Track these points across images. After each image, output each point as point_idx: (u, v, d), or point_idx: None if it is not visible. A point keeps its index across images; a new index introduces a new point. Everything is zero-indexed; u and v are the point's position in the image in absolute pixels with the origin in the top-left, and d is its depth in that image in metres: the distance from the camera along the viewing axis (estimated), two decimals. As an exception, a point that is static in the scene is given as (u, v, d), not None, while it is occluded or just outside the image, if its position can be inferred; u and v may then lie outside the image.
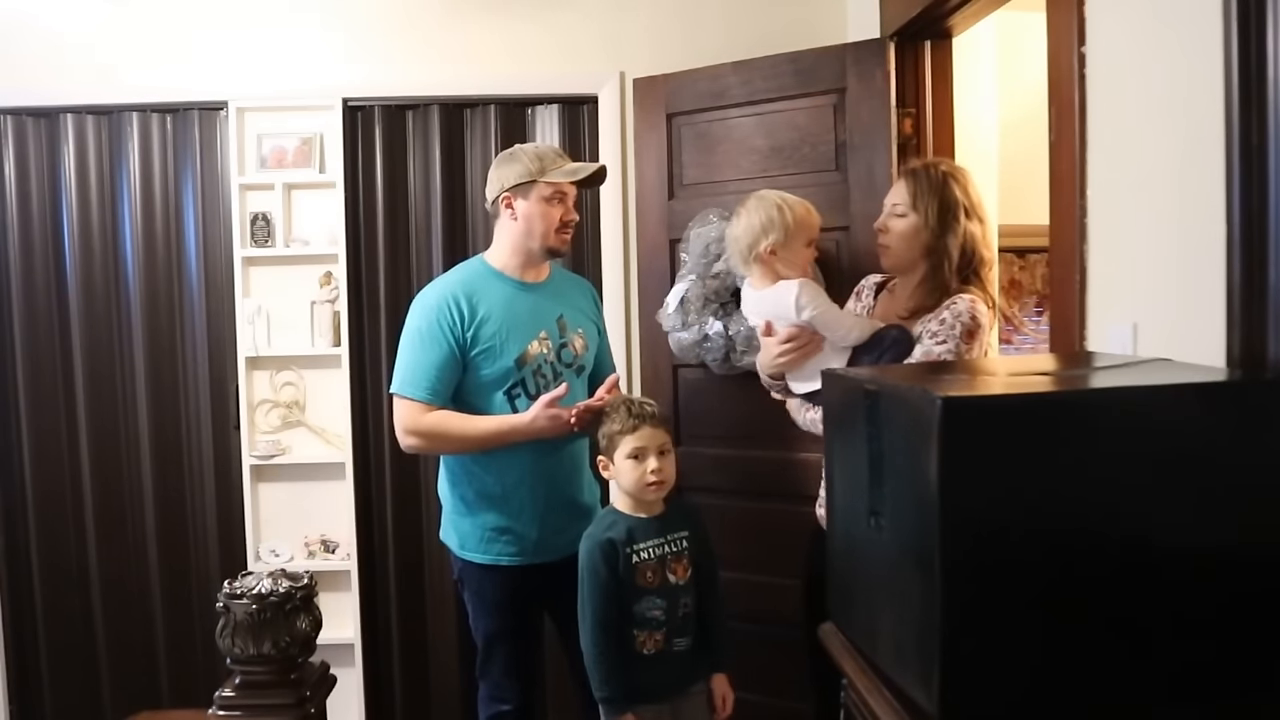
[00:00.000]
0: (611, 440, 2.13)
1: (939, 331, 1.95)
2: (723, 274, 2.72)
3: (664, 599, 2.11)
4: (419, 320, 2.27)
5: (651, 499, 2.14)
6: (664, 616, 2.11)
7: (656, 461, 2.10)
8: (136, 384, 3.20)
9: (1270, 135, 1.26)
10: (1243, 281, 1.31)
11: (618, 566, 2.10)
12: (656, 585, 2.11)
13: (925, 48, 2.70)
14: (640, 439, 2.10)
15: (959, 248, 2.02)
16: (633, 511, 2.16)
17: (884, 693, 1.29)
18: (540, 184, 2.24)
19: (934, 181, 2.05)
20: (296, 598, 2.46)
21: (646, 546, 2.12)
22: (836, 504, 1.47)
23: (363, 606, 3.20)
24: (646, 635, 2.11)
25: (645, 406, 2.15)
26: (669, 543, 2.14)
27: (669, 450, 2.14)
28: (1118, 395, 1.24)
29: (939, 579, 1.10)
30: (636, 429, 2.10)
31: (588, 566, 2.12)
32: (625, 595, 2.11)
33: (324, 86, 3.15)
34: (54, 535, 3.21)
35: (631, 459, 2.10)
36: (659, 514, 2.16)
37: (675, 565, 2.14)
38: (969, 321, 1.94)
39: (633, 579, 2.11)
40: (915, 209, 2.05)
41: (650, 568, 2.11)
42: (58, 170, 3.18)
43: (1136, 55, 1.60)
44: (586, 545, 2.14)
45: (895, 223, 2.09)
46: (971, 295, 2.00)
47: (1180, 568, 1.15)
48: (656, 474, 2.10)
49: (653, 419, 2.12)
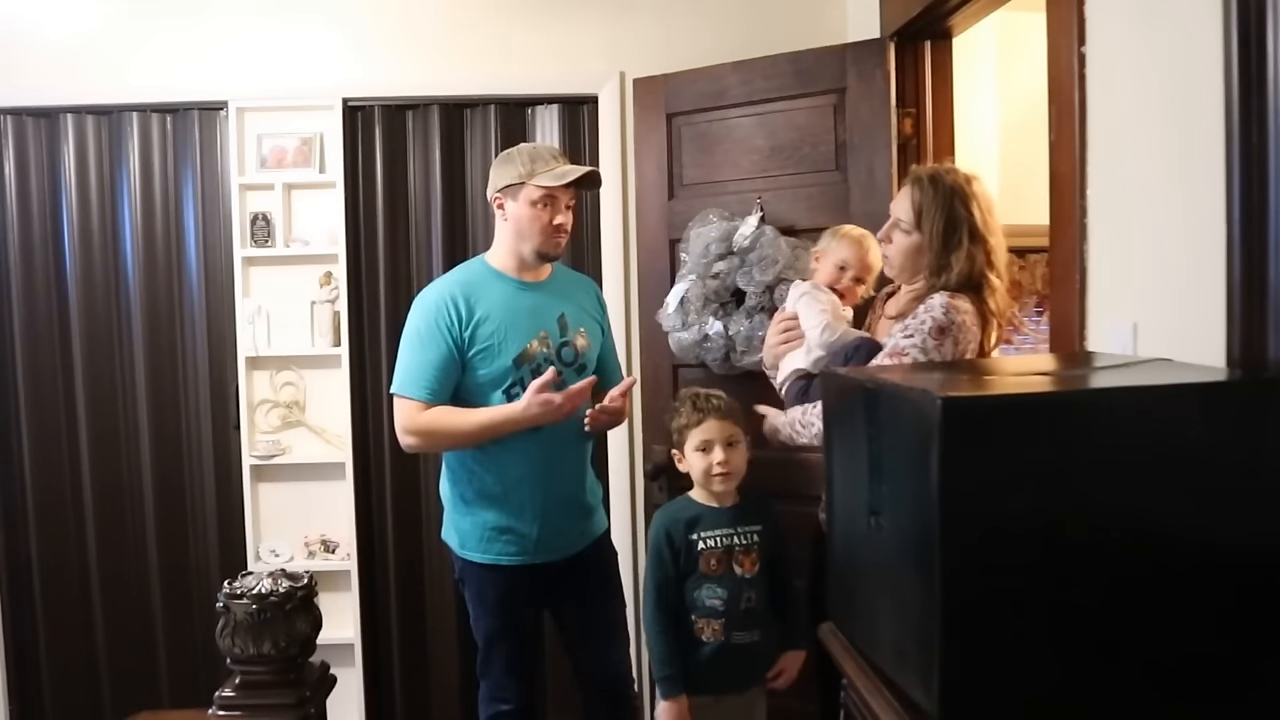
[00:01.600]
0: (680, 433, 2.21)
1: (909, 325, 1.90)
2: (723, 274, 2.73)
3: (725, 589, 2.14)
4: (418, 320, 2.28)
5: (719, 489, 2.19)
6: (723, 606, 2.14)
7: (723, 453, 2.16)
8: (136, 384, 3.20)
9: (1270, 135, 1.26)
10: (1243, 281, 1.31)
11: (681, 550, 2.15)
12: (720, 574, 2.15)
13: (925, 48, 2.70)
14: (706, 431, 2.17)
15: (961, 269, 1.92)
16: (704, 500, 2.21)
17: (884, 693, 1.29)
18: (529, 186, 2.23)
19: (942, 196, 1.94)
20: (296, 598, 2.47)
21: (714, 535, 2.17)
22: (836, 504, 1.47)
23: (363, 606, 3.20)
24: (705, 623, 2.15)
25: (711, 399, 2.20)
26: (739, 534, 2.18)
27: (738, 441, 2.19)
28: (1118, 395, 1.24)
29: (939, 579, 1.10)
30: (702, 422, 2.17)
31: (654, 545, 2.19)
32: (685, 579, 2.16)
33: (324, 86, 3.15)
34: (54, 535, 3.21)
35: (699, 451, 2.17)
36: (732, 505, 2.21)
37: (743, 558, 2.17)
38: (940, 317, 1.86)
39: (695, 564, 2.15)
40: (919, 227, 1.96)
41: (715, 556, 2.16)
42: (58, 170, 3.18)
43: (1136, 55, 1.60)
44: (655, 524, 2.21)
45: (898, 237, 2.01)
46: (952, 296, 1.90)
47: (1180, 567, 1.15)
48: (723, 465, 2.16)
49: (718, 411, 2.18)
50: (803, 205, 2.78)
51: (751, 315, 2.69)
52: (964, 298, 1.92)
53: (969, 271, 1.93)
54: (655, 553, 2.19)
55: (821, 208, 2.76)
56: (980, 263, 1.93)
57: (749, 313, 2.69)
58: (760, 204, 2.75)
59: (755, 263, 2.67)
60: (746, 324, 2.68)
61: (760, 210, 2.74)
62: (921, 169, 2.05)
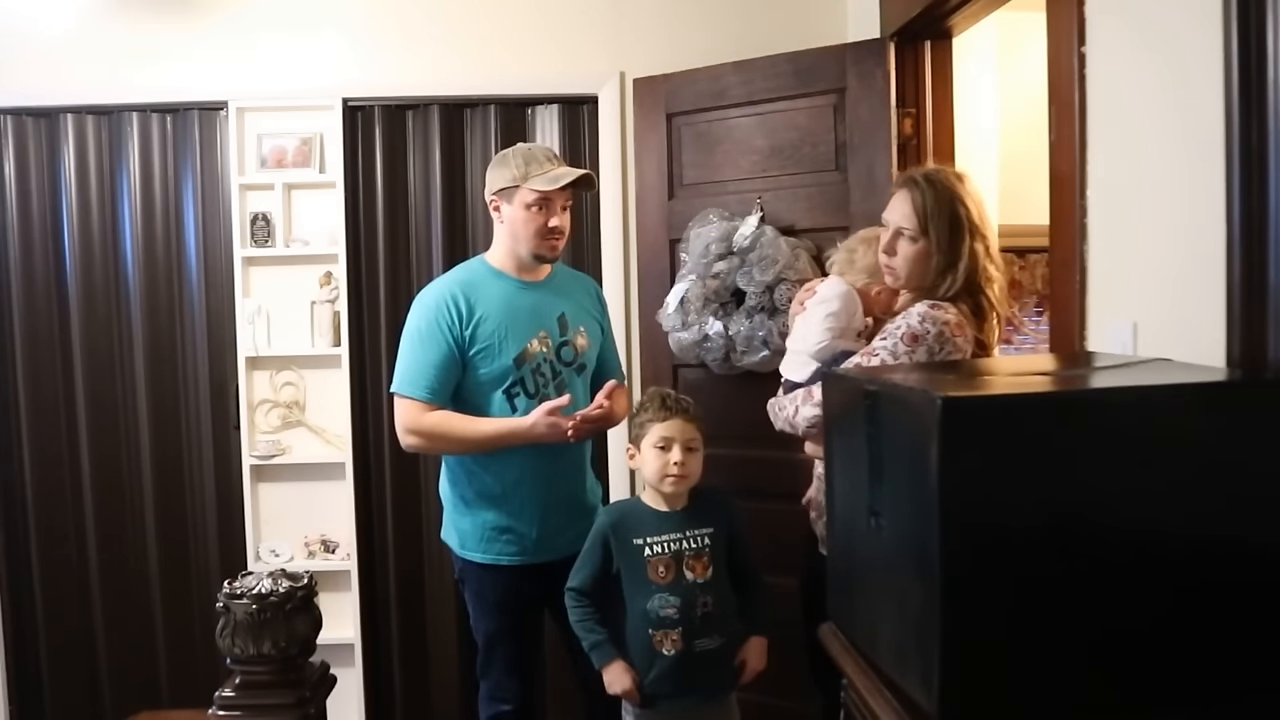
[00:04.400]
0: (642, 427, 2.15)
1: (886, 329, 1.89)
2: (723, 274, 2.73)
3: (679, 596, 2.09)
4: (418, 319, 2.28)
5: (669, 491, 2.14)
6: (678, 615, 2.09)
7: (681, 454, 2.11)
8: (136, 384, 3.20)
9: (1270, 135, 1.26)
10: (1243, 281, 1.31)
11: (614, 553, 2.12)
12: (670, 581, 2.10)
13: (925, 48, 2.70)
14: (669, 429, 2.11)
15: (967, 266, 1.90)
16: (652, 503, 2.17)
17: (884, 693, 1.29)
18: (523, 189, 2.23)
19: (942, 198, 1.90)
20: (296, 598, 2.46)
21: (660, 540, 2.12)
22: (836, 504, 1.47)
23: (363, 606, 3.20)
24: (663, 634, 2.09)
25: (681, 400, 2.17)
26: (688, 538, 2.13)
27: (697, 448, 2.15)
28: (1118, 395, 1.24)
29: (939, 579, 1.10)
30: (667, 419, 2.12)
31: (590, 539, 2.17)
32: (635, 590, 2.11)
33: (324, 86, 3.15)
34: (54, 534, 3.21)
35: (658, 448, 2.11)
36: (680, 508, 2.16)
37: (694, 562, 2.12)
38: (915, 325, 1.84)
39: (644, 574, 2.11)
40: (926, 233, 1.90)
41: (663, 562, 2.11)
42: (58, 170, 3.18)
43: (1136, 55, 1.60)
44: (598, 520, 2.18)
45: (904, 246, 1.93)
46: (933, 306, 1.87)
47: (1180, 567, 1.15)
48: (679, 466, 2.10)
49: (685, 413, 2.14)
50: (803, 205, 2.78)
51: (751, 315, 2.69)
52: (947, 306, 1.88)
53: (974, 268, 1.91)
54: (589, 546, 2.16)
55: (821, 208, 2.76)
56: (981, 257, 1.92)
57: (749, 313, 2.69)
58: (760, 204, 2.75)
59: (755, 263, 2.67)
60: (746, 324, 2.68)
61: (760, 210, 2.74)
62: (913, 172, 2.00)
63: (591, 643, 2.14)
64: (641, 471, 2.19)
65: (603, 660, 2.13)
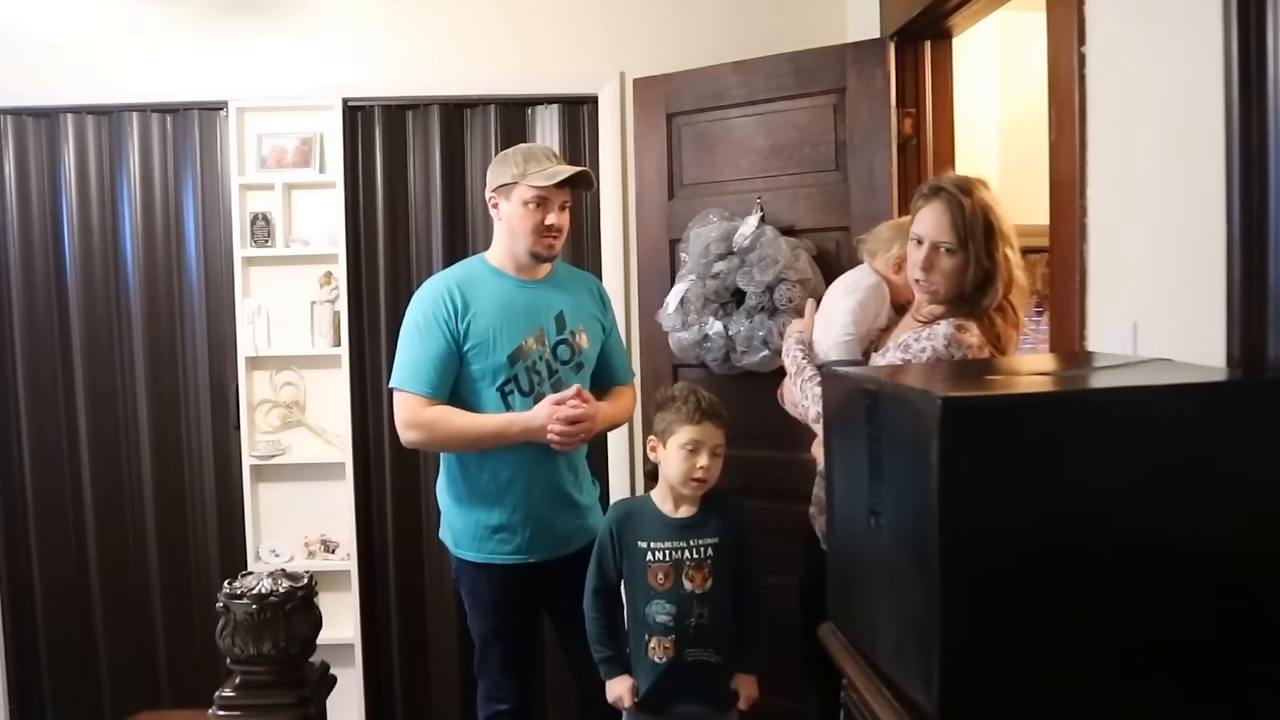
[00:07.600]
0: (670, 426, 2.11)
1: (910, 344, 1.87)
2: (723, 274, 2.73)
3: (674, 604, 2.07)
4: (416, 315, 2.28)
5: (690, 494, 2.12)
6: (672, 622, 2.07)
7: (708, 460, 2.08)
8: (136, 384, 3.20)
9: (1270, 135, 1.26)
10: (1243, 281, 1.31)
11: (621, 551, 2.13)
12: (668, 589, 2.09)
13: (925, 48, 2.70)
14: (700, 433, 2.08)
15: (1004, 276, 1.87)
16: (661, 504, 2.15)
17: (884, 693, 1.29)
18: (521, 186, 2.23)
19: (978, 207, 1.85)
20: (296, 598, 2.46)
21: (662, 547, 2.10)
22: (836, 504, 1.47)
23: (363, 606, 3.20)
24: (656, 641, 2.08)
25: (715, 405, 2.12)
26: (690, 548, 2.10)
27: (721, 454, 2.12)
28: (1118, 395, 1.24)
29: (938, 579, 1.10)
30: (700, 422, 2.08)
31: (600, 536, 2.17)
32: (635, 592, 2.11)
33: (324, 86, 3.15)
34: (54, 535, 3.21)
35: (686, 450, 2.08)
36: (689, 515, 2.13)
37: (693, 572, 2.09)
38: (941, 349, 1.82)
39: (644, 577, 2.10)
40: (966, 246, 1.85)
41: (663, 569, 2.09)
42: (58, 170, 3.18)
43: (1136, 55, 1.60)
44: (608, 516, 2.18)
45: (945, 262, 1.87)
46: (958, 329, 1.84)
47: (1180, 567, 1.15)
48: (704, 471, 2.08)
49: (718, 418, 2.11)
50: (803, 205, 2.78)
51: (751, 315, 2.69)
52: (971, 327, 1.85)
53: (1010, 278, 1.88)
54: (599, 544, 2.17)
55: (821, 208, 2.76)
56: (1014, 266, 1.89)
57: (749, 313, 2.69)
58: (760, 204, 2.75)
59: (755, 263, 2.67)
60: (746, 324, 2.68)
61: (760, 210, 2.74)
62: (941, 182, 1.92)
63: (601, 657, 2.15)
64: (663, 469, 2.15)
65: (608, 675, 2.14)
